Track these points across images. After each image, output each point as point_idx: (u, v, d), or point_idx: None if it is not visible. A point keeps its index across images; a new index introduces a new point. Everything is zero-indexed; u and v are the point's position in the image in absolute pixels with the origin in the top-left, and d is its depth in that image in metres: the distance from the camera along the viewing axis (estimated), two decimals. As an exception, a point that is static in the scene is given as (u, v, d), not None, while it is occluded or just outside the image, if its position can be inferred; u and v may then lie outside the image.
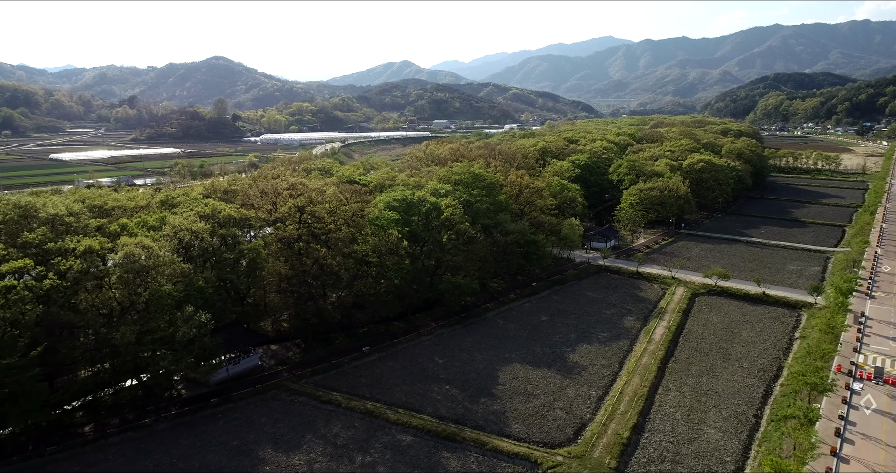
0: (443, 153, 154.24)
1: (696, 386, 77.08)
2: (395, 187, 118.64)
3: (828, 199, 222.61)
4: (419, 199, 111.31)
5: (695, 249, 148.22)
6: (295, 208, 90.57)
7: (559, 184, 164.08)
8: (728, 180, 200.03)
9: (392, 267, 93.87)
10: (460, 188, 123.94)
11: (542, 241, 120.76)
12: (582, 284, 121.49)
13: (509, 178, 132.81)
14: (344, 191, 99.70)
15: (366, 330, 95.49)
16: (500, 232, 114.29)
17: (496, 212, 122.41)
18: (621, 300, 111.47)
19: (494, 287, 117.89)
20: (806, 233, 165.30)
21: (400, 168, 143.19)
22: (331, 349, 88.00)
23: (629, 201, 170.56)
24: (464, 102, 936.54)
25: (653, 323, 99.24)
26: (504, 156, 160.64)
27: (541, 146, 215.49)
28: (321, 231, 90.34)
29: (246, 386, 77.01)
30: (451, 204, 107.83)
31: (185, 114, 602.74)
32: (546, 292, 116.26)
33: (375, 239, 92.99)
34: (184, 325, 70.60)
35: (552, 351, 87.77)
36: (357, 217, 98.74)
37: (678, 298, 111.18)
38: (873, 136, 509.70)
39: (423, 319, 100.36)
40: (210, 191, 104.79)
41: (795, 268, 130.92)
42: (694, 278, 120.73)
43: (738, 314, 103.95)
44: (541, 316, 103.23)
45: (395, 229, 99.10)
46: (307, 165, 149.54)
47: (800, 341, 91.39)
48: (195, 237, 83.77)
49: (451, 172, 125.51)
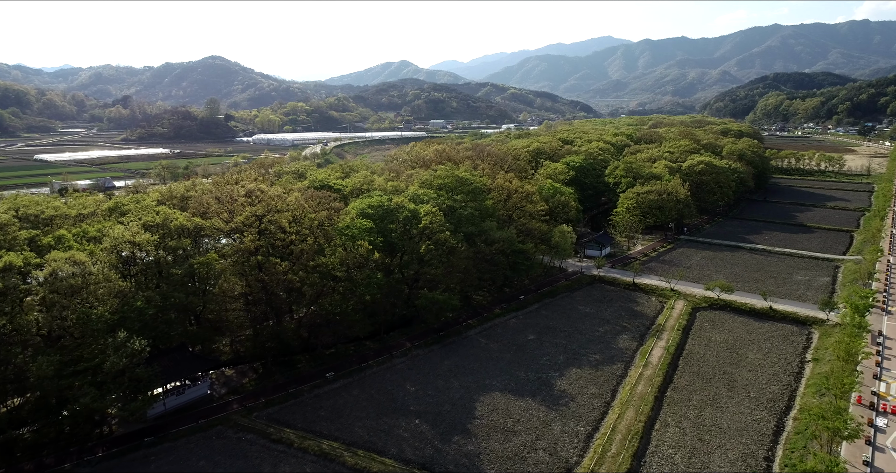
0: (428, 155, 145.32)
1: (698, 420, 68.23)
2: (371, 193, 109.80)
3: (833, 202, 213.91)
4: (396, 206, 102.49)
5: (695, 257, 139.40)
6: (253, 217, 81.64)
7: (551, 187, 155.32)
8: (730, 183, 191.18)
9: (362, 281, 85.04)
10: (443, 193, 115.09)
11: (531, 250, 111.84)
12: (574, 297, 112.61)
13: (497, 182, 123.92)
14: (310, 197, 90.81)
15: (333, 352, 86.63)
16: (485, 240, 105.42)
17: (482, 219, 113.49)
18: (616, 315, 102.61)
19: (479, 300, 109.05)
20: (812, 240, 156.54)
21: (381, 171, 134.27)
22: (291, 374, 79.07)
23: (626, 205, 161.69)
24: (461, 102, 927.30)
25: (650, 342, 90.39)
26: (494, 158, 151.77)
27: (534, 147, 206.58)
28: (282, 242, 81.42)
29: (189, 420, 68.06)
30: (430, 211, 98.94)
31: (177, 114, 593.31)
32: (535, 306, 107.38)
33: (343, 251, 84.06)
34: (113, 354, 61.69)
35: (537, 377, 78.89)
36: (324, 226, 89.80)
37: (677, 313, 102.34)
38: (876, 137, 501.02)
39: (397, 338, 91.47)
40: (166, 198, 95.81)
41: (803, 279, 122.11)
42: (695, 290, 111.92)
43: (743, 331, 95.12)
44: (527, 334, 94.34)
45: (368, 239, 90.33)
46: (279, 169, 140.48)
47: (812, 364, 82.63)
48: (138, 250, 74.94)
49: (434, 176, 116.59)
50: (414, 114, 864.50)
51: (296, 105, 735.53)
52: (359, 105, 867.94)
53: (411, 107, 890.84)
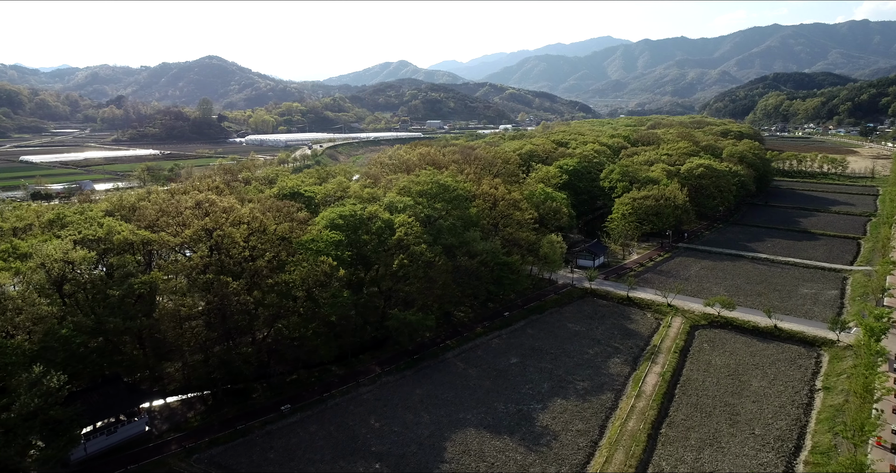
0: (412, 159, 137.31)
1: (697, 464, 60.22)
2: (344, 201, 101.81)
3: (837, 207, 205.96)
4: (370, 215, 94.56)
5: (694, 267, 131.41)
6: (203, 231, 73.63)
7: (543, 192, 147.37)
8: (730, 187, 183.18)
9: (326, 301, 77.06)
10: (423, 201, 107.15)
11: (516, 263, 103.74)
12: (563, 313, 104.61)
13: (482, 188, 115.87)
14: (270, 208, 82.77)
15: (294, 378, 78.67)
16: (467, 253, 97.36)
17: (465, 229, 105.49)
18: (608, 334, 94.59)
19: (460, 317, 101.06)
20: (817, 248, 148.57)
21: (359, 176, 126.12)
22: (243, 407, 71.07)
23: (621, 211, 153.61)
24: (459, 102, 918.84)
25: (643, 366, 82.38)
26: (482, 162, 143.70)
27: (527, 149, 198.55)
28: (235, 259, 73.44)
29: (118, 464, 60.03)
30: (406, 221, 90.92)
31: (169, 114, 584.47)
32: (520, 323, 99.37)
33: (303, 268, 76.03)
34: (25, 393, 53.68)
35: (518, 410, 70.91)
36: (288, 239, 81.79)
37: (675, 332, 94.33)
38: (878, 137, 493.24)
39: (367, 362, 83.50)
40: (116, 208, 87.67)
41: (809, 292, 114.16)
42: (693, 306, 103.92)
43: (745, 354, 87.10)
44: (510, 356, 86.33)
45: (335, 253, 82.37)
46: (248, 174, 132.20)
47: (823, 394, 74.68)
48: (70, 269, 66.93)
49: (413, 182, 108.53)
50: (411, 114, 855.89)
51: (291, 105, 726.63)
52: (355, 105, 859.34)
53: (408, 108, 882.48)
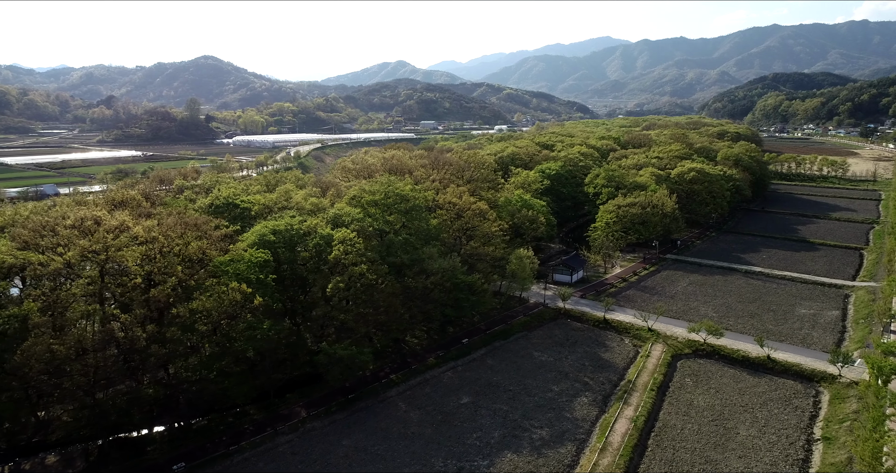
0: (375, 163, 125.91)
1: (666, 548, 48.79)
2: (283, 212, 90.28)
3: (838, 213, 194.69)
4: (308, 230, 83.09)
5: (681, 283, 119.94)
6: (88, 253, 62.13)
7: (519, 199, 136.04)
8: (724, 192, 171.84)
9: (240, 334, 65.65)
10: (376, 212, 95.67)
11: (478, 283, 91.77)
12: (531, 338, 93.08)
13: (444, 197, 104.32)
14: (181, 224, 71.29)
15: (204, 425, 67.17)
16: (420, 272, 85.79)
17: (424, 243, 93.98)
18: (578, 365, 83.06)
19: (413, 344, 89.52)
20: (817, 260, 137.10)
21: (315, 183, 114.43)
22: (129, 465, 59.51)
23: (605, 219, 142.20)
24: (454, 103, 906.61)
25: (614, 408, 70.88)
26: (453, 167, 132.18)
27: (509, 152, 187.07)
28: (125, 287, 61.94)
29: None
30: (345, 237, 79.37)
31: (156, 114, 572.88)
32: (480, 352, 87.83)
33: (210, 297, 64.51)
34: None
35: (458, 468, 59.39)
36: (203, 262, 70.30)
37: (654, 364, 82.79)
38: (878, 138, 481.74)
39: (293, 402, 71.92)
40: (8, 222, 76.05)
41: (808, 312, 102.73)
42: (677, 330, 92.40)
43: (733, 391, 75.60)
44: (462, 394, 74.81)
45: (258, 276, 71.03)
46: (182, 183, 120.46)
47: (822, 446, 63.22)
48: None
49: (364, 191, 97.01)
50: (405, 114, 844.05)
51: (282, 105, 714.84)
52: (348, 105, 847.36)
53: (403, 108, 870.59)
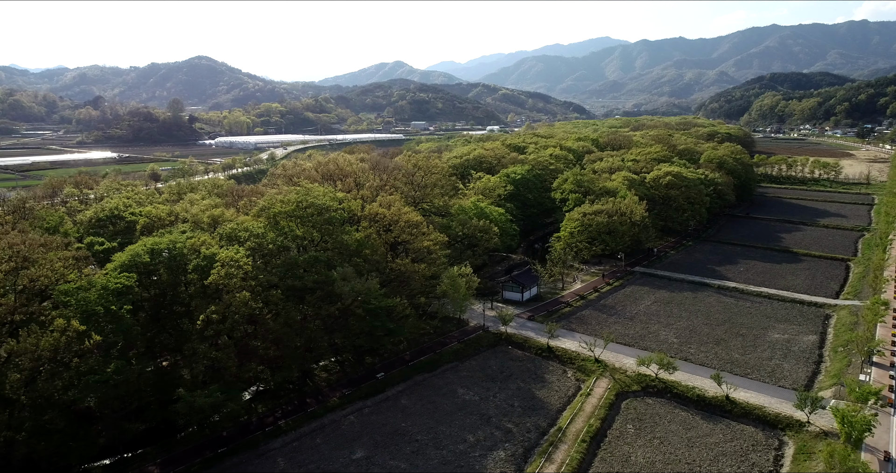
0: (308, 169, 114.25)
1: None
2: (171, 228, 78.51)
3: (827, 219, 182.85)
4: (191, 249, 71.33)
5: (645, 301, 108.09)
6: None
7: (475, 207, 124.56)
8: (702, 198, 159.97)
9: (73, 380, 53.93)
10: (287, 225, 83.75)
11: (399, 307, 79.84)
12: (460, 371, 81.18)
13: (370, 208, 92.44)
14: (22, 243, 59.71)
15: (29, 491, 55.41)
16: (323, 297, 73.99)
17: (341, 262, 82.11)
18: (505, 407, 71.16)
19: (321, 378, 77.76)
20: (799, 273, 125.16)
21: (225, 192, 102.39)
22: None
23: (569, 228, 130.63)
24: (447, 103, 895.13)
25: (533, 466, 59.01)
26: (399, 172, 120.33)
27: (475, 155, 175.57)
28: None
29: None
30: (228, 258, 67.54)
31: (138, 115, 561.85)
32: (397, 388, 75.90)
33: (32, 336, 52.75)
34: None
35: (317, 557, 47.59)
36: (46, 292, 58.57)
37: (593, 404, 70.91)
38: (875, 139, 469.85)
39: (148, 459, 60.03)
40: None
41: (781, 338, 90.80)
42: (627, 361, 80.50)
43: (681, 443, 63.66)
44: (357, 446, 62.90)
45: (112, 307, 59.32)
46: (72, 191, 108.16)
47: (778, 521, 51.37)
48: None
49: (279, 201, 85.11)
50: (397, 115, 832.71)
51: (269, 106, 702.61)
52: (339, 106, 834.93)
53: (395, 108, 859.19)
